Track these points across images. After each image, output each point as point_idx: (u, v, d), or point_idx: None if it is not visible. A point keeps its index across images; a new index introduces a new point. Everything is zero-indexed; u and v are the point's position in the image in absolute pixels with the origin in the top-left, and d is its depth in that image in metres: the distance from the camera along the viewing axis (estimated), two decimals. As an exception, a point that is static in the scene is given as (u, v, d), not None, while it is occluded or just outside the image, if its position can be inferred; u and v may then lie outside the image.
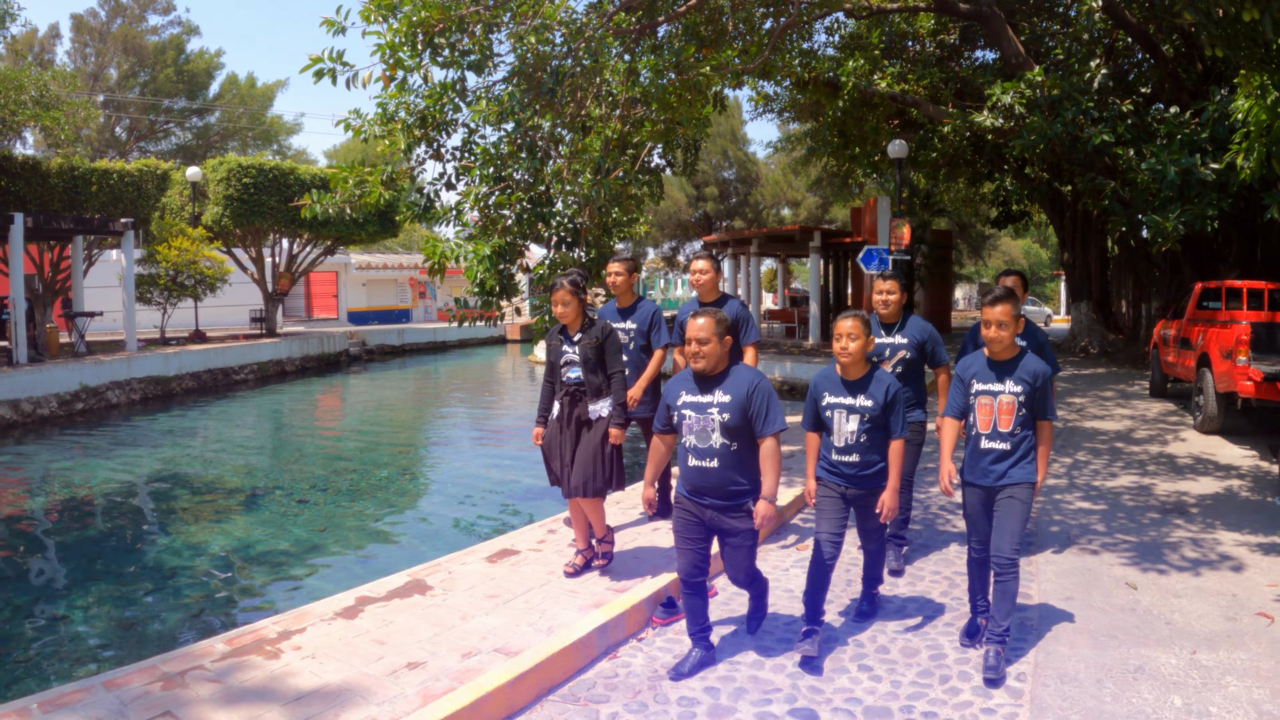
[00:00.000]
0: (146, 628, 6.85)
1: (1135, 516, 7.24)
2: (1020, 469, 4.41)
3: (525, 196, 9.02)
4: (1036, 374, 4.43)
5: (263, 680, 4.05)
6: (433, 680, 4.05)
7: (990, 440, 4.47)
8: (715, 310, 4.37)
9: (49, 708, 3.77)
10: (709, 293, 6.21)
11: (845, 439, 4.58)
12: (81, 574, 8.25)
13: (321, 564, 8.30)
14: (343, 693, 3.93)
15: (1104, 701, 4.03)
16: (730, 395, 4.24)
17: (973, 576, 4.75)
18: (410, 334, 35.33)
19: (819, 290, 24.45)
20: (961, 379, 4.66)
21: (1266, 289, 11.12)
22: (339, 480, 12.03)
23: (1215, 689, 4.14)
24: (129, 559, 8.60)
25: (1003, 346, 4.47)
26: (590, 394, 5.38)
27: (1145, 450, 10.01)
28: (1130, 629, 4.85)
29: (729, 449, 4.24)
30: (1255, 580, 5.64)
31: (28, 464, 13.28)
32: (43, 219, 20.86)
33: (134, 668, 4.23)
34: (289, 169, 26.71)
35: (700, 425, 4.26)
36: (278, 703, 3.83)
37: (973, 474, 4.56)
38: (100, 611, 7.24)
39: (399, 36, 8.88)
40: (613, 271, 6.50)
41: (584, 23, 9.63)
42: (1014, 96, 14.28)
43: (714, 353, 4.28)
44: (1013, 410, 4.41)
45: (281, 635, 4.58)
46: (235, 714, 3.72)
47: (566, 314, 5.39)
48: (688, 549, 4.40)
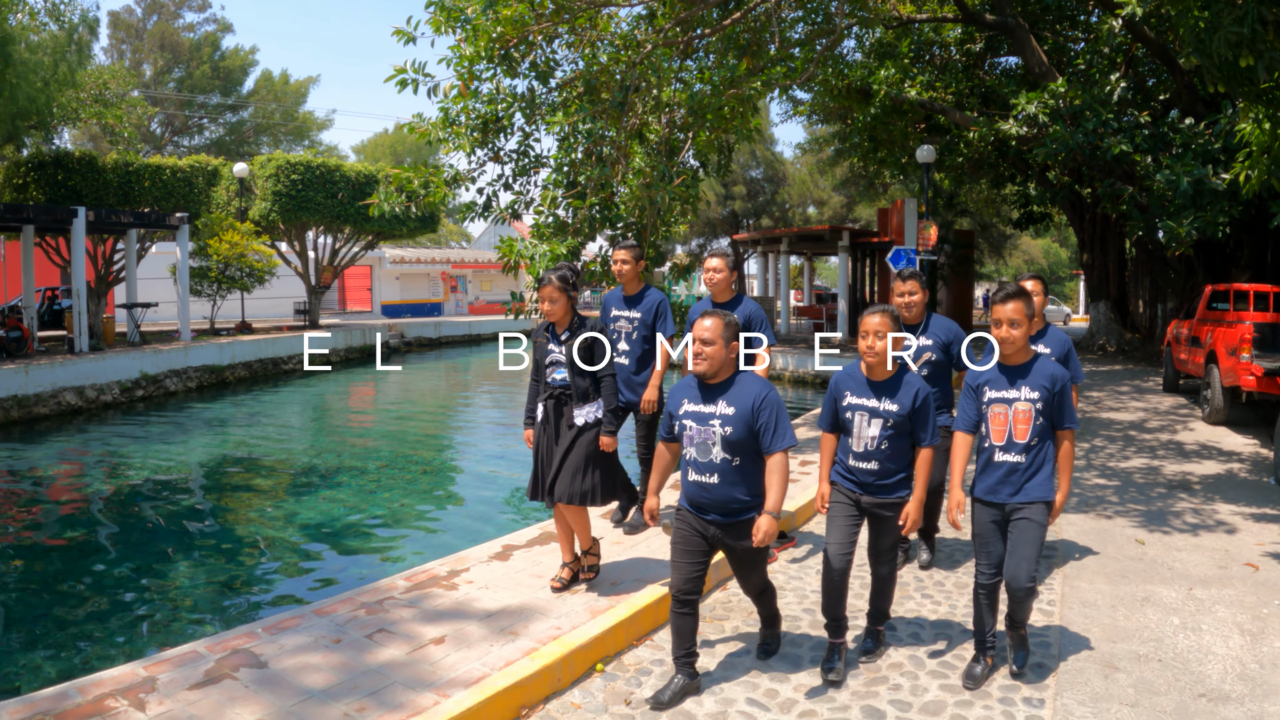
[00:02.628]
0: (275, 585, 7.90)
1: (1145, 491, 8.17)
2: (1037, 485, 4.11)
3: (596, 200, 9.96)
4: (1055, 378, 4.12)
5: (451, 604, 5.01)
6: (594, 601, 5.02)
7: (1004, 453, 4.15)
8: (726, 312, 4.13)
9: (274, 630, 4.65)
10: (722, 292, 5.89)
11: (865, 444, 4.28)
12: (189, 544, 9.31)
13: (410, 532, 9.30)
14: (524, 611, 4.89)
15: (1118, 620, 5.00)
16: (734, 407, 4.01)
17: (979, 606, 4.32)
18: (447, 326, 36.44)
19: (848, 288, 25.38)
20: (972, 387, 4.33)
21: (1271, 291, 11.98)
22: (406, 459, 13.07)
23: (1206, 614, 5.10)
24: (228, 531, 9.64)
25: (1015, 348, 4.15)
26: (576, 398, 5.07)
27: (1156, 438, 10.90)
28: (1139, 572, 5.81)
29: (730, 464, 4.00)
30: (1246, 540, 6.57)
31: (107, 447, 14.26)
32: (104, 213, 21.80)
33: (333, 599, 5.15)
34: (334, 166, 27.77)
35: (701, 437, 4.04)
36: (473, 619, 4.78)
37: (985, 490, 4.23)
38: (223, 573, 8.29)
39: (480, 51, 9.81)
40: (619, 259, 6.23)
41: (641, 39, 10.57)
42: (1038, 106, 15.14)
43: (718, 356, 4.03)
44: (1029, 419, 4.09)
45: (450, 573, 5.53)
46: (440, 628, 4.65)
47: (554, 311, 5.09)
48: (684, 563, 4.15)
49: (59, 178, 24.70)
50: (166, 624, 6.91)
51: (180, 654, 4.34)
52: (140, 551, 8.82)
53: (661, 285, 11.91)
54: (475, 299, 44.54)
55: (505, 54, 10.07)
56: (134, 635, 6.74)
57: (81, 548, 8.94)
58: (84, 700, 3.84)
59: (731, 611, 5.25)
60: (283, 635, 4.59)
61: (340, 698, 3.87)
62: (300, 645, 4.43)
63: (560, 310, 5.07)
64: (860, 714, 4.03)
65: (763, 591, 4.45)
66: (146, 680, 4.03)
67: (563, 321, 5.13)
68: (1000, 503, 4.16)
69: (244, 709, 3.76)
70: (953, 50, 21.27)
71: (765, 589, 4.45)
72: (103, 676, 4.10)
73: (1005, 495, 4.14)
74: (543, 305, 5.07)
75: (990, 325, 4.27)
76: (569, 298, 5.07)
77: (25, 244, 22.11)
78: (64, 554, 8.75)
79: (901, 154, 22.23)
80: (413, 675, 4.10)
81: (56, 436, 15.25)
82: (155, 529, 9.72)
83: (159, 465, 12.77)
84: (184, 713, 3.72)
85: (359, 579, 7.51)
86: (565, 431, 5.09)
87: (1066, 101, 14.94)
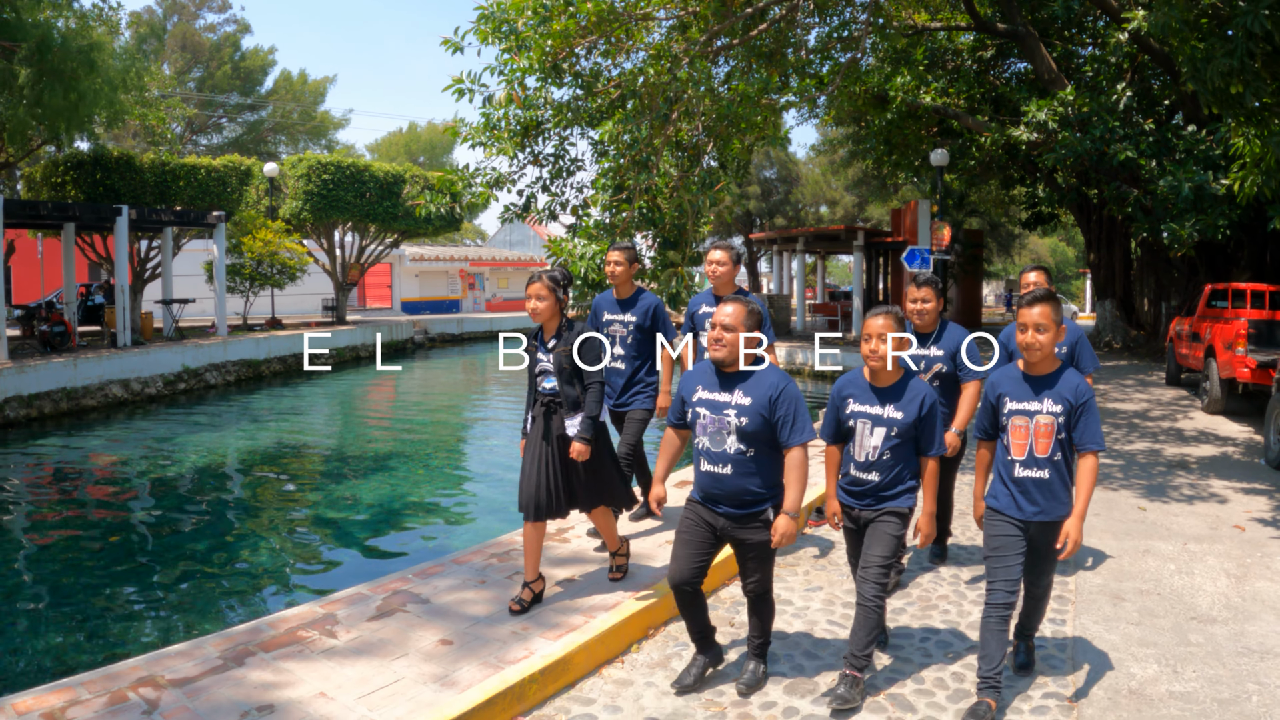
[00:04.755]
0: (365, 552, 8.78)
1: (1147, 469, 9.02)
2: (1060, 503, 3.91)
3: (642, 204, 10.80)
4: (1079, 391, 3.87)
5: (568, 553, 5.80)
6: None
7: (1026, 468, 3.91)
8: (750, 300, 4.04)
9: (423, 576, 5.42)
10: (725, 286, 5.87)
11: (867, 454, 4.09)
12: (280, 518, 10.19)
13: (467, 512, 10.14)
14: (638, 556, 5.71)
15: (1124, 566, 5.89)
16: (750, 398, 3.90)
17: (988, 632, 3.92)
18: (469, 323, 37.45)
19: (862, 286, 26.24)
20: (989, 398, 4.09)
21: (1267, 290, 12.81)
22: (447, 447, 13.95)
23: (1198, 562, 5.98)
24: (296, 509, 10.49)
25: (1041, 355, 3.87)
26: (566, 406, 4.86)
27: (1158, 425, 11.74)
28: (1140, 531, 6.68)
29: (744, 455, 3.91)
30: (1235, 509, 7.43)
31: (158, 438, 15.01)
32: (146, 211, 22.64)
33: (466, 551, 5.96)
34: (363, 166, 28.65)
35: (715, 427, 3.95)
36: (592, 564, 5.58)
37: (1004, 503, 3.97)
38: (309, 544, 9.17)
39: (533, 64, 10.61)
40: (612, 260, 6.03)
41: (677, 50, 11.40)
42: (1048, 114, 15.98)
43: (737, 343, 3.93)
44: (1051, 433, 3.86)
45: (559, 531, 6.31)
46: (566, 571, 5.43)
47: (541, 312, 4.87)
48: (685, 554, 4.05)
49: (97, 176, 25.26)
50: (286, 583, 7.79)
51: (348, 595, 5.15)
52: (243, 521, 9.73)
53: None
54: (492, 296, 45.44)
55: (554, 65, 10.90)
56: (255, 594, 7.63)
57: (174, 523, 9.83)
58: (277, 633, 4.58)
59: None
60: (432, 579, 5.40)
61: (503, 622, 4.70)
62: (451, 585, 5.26)
63: (547, 310, 4.87)
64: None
65: (763, 596, 4.16)
66: (327, 616, 4.82)
67: (550, 326, 4.94)
68: (1023, 520, 3.91)
69: (426, 632, 4.57)
70: (965, 56, 22.10)
71: (766, 593, 4.17)
72: (286, 614, 4.89)
73: (1029, 514, 3.90)
74: (529, 303, 4.87)
75: (1015, 330, 4.03)
76: (557, 299, 4.88)
77: (66, 242, 22.89)
78: (159, 528, 9.66)
79: (915, 157, 23.06)
80: (557, 605, 4.91)
81: (109, 426, 15.98)
82: (245, 506, 10.63)
83: (233, 449, 13.68)
84: (374, 637, 4.51)
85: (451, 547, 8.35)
86: (557, 443, 4.89)
87: (1075, 109, 15.77)
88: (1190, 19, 7.20)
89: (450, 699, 3.85)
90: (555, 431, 4.88)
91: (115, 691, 3.89)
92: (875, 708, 4.02)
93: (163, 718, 3.67)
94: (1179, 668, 4.39)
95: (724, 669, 4.40)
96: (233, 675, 4.07)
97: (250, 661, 4.23)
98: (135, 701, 3.81)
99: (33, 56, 14.85)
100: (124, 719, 3.65)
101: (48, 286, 30.47)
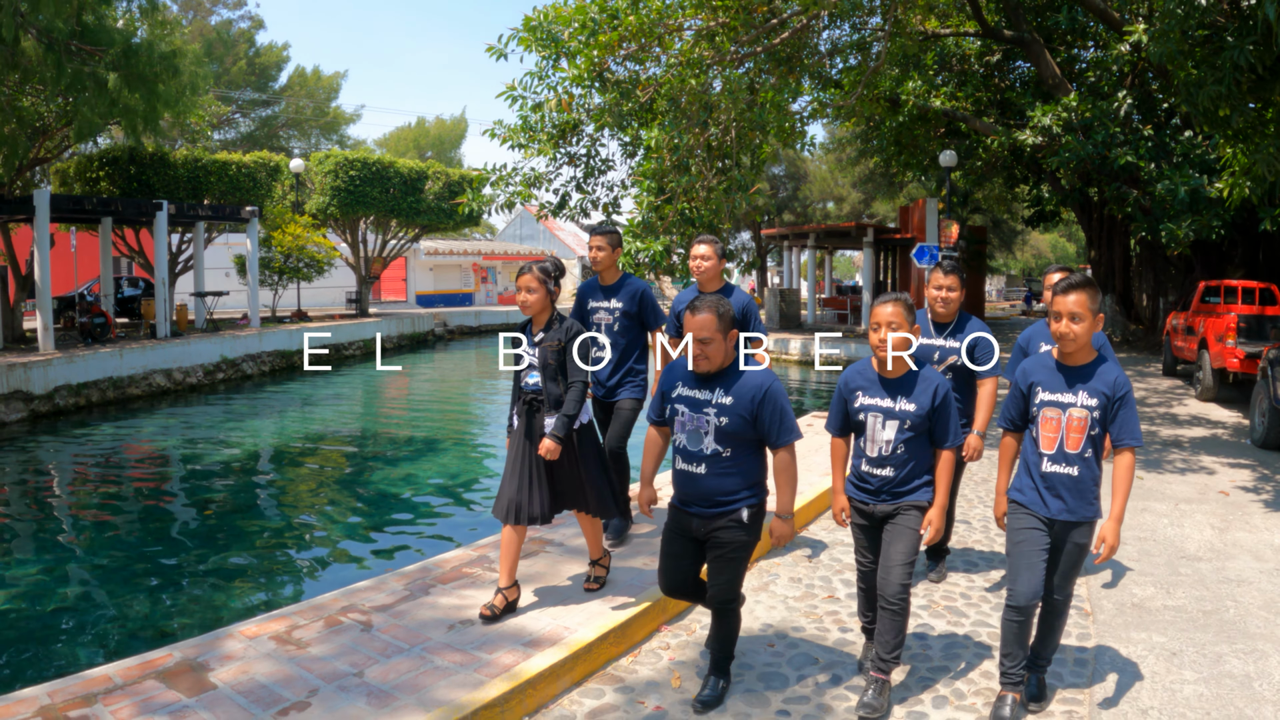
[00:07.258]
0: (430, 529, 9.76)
1: (1144, 449, 10.00)
2: (1088, 503, 3.71)
3: (686, 205, 11.75)
4: (1117, 384, 3.65)
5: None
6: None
7: (1055, 463, 3.71)
8: (717, 300, 3.79)
9: (552, 526, 5.97)
10: (711, 281, 5.63)
11: (880, 448, 3.92)
12: (340, 500, 11.13)
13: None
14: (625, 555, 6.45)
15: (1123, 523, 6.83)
16: (732, 397, 3.77)
17: (1008, 631, 3.78)
18: (486, 315, 38.51)
19: (872, 281, 27.25)
20: (1020, 386, 3.88)
21: (1257, 287, 13.82)
22: (496, 429, 14.91)
23: (1187, 518, 7.00)
24: (362, 486, 11.34)
25: (1077, 345, 3.66)
26: (549, 404, 4.70)
27: (1155, 411, 12.73)
28: (1137, 495, 7.69)
29: (720, 456, 3.79)
30: (1221, 479, 8.44)
31: (207, 425, 15.85)
32: (184, 206, 23.44)
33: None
34: (388, 163, 29.56)
35: (693, 425, 3.83)
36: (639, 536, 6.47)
37: (1030, 498, 3.78)
38: (381, 522, 10.15)
39: (582, 74, 11.51)
40: (594, 246, 5.80)
41: (707, 58, 12.34)
42: (1052, 119, 16.94)
43: (719, 352, 3.76)
44: (1084, 428, 3.66)
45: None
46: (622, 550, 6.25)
47: (530, 305, 4.74)
48: (669, 567, 4.01)
49: (131, 171, 25.91)
50: (359, 556, 8.75)
51: (492, 541, 5.96)
52: (304, 501, 10.70)
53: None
54: (505, 289, 46.42)
55: (600, 74, 11.83)
56: (322, 569, 8.60)
57: (261, 499, 10.81)
58: (444, 570, 5.33)
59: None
60: (560, 529, 6.12)
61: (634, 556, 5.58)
62: (577, 533, 6.04)
63: (537, 303, 4.73)
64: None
65: (728, 603, 3.94)
66: (481, 558, 5.56)
67: (540, 319, 4.79)
68: (1050, 518, 3.72)
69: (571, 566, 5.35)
70: (972, 61, 23.04)
71: (732, 601, 3.95)
72: (446, 556, 5.68)
73: (1055, 511, 3.70)
74: (519, 295, 4.75)
75: (1050, 319, 3.76)
76: (547, 291, 4.75)
77: (104, 235, 23.63)
78: (223, 509, 10.63)
79: (924, 157, 24.02)
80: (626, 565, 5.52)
81: (155, 414, 16.62)
82: (307, 489, 11.59)
83: (293, 433, 14.62)
84: (529, 571, 5.25)
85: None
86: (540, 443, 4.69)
87: (1078, 114, 16.73)
88: (1186, 49, 8.19)
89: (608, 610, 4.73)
90: (539, 431, 4.74)
91: (328, 617, 4.71)
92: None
93: (381, 633, 4.51)
94: (1171, 590, 5.40)
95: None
96: (424, 601, 4.93)
97: (434, 590, 5.10)
98: (349, 624, 4.62)
99: (118, 61, 15.71)
100: (347, 636, 4.47)
101: (80, 278, 31.37)
